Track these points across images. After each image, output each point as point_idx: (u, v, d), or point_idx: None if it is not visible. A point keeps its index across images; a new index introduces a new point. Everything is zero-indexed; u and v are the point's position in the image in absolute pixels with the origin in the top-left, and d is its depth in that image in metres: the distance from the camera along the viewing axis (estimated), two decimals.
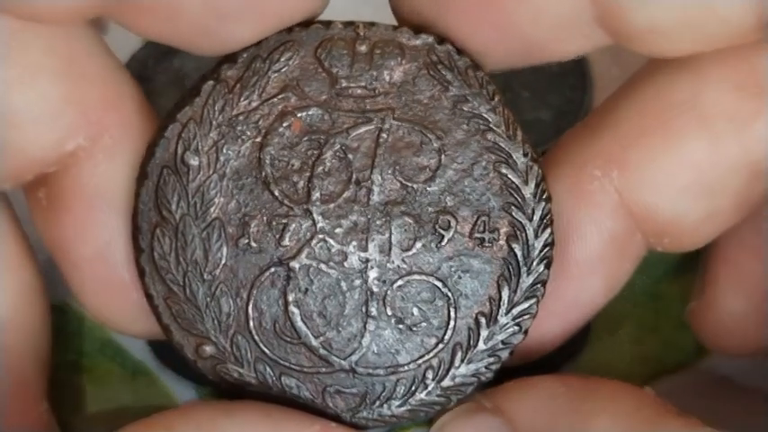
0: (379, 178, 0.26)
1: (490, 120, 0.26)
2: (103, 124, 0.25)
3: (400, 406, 0.26)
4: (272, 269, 0.25)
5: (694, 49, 0.25)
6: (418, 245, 0.26)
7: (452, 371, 0.26)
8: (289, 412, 0.25)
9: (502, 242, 0.26)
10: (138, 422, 0.24)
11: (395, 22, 0.26)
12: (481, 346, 0.26)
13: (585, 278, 0.27)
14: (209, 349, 0.25)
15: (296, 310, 0.25)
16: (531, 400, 0.25)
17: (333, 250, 0.25)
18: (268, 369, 0.25)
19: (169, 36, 0.25)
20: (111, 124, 0.26)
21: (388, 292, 0.26)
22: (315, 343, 0.26)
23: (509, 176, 0.26)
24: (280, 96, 0.25)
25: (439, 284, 0.26)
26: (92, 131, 0.25)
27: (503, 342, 0.26)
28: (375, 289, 0.26)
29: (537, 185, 0.26)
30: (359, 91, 0.26)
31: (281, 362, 0.25)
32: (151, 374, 0.32)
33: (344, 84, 0.26)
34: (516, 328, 0.26)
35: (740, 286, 0.29)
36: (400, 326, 0.26)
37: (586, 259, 0.27)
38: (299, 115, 0.25)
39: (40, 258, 0.27)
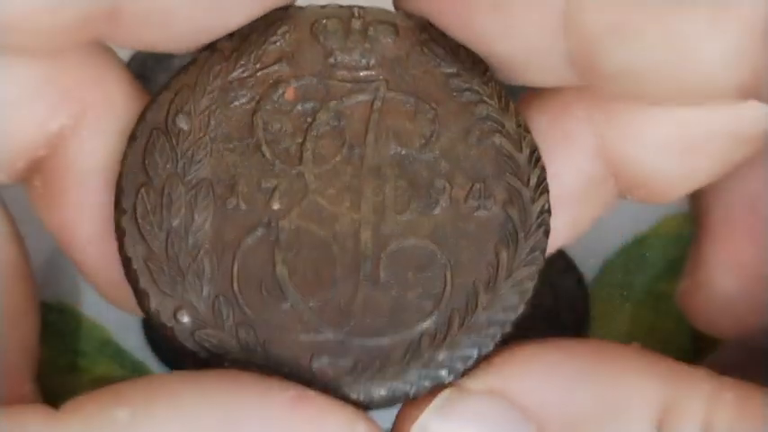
0: (373, 142, 0.25)
1: (482, 92, 0.26)
2: (86, 102, 0.25)
3: (393, 378, 0.24)
4: (261, 229, 0.25)
5: (673, 102, 0.25)
6: (413, 207, 0.25)
7: (449, 339, 0.24)
8: (259, 377, 0.23)
9: (498, 208, 0.25)
10: (89, 392, 0.23)
11: None
12: (480, 313, 0.25)
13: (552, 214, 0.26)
14: (187, 313, 0.24)
15: (284, 272, 0.24)
16: (530, 372, 0.24)
17: (324, 211, 0.25)
18: (251, 334, 0.24)
19: (162, 45, 0.25)
20: (95, 102, 0.25)
21: (382, 255, 0.25)
22: (303, 307, 0.24)
23: (503, 145, 0.26)
24: (275, 66, 0.25)
25: (435, 248, 0.25)
26: (74, 110, 0.25)
27: (503, 309, 0.25)
28: (368, 252, 0.25)
29: (531, 153, 0.26)
30: (353, 63, 0.26)
31: (266, 327, 0.24)
32: (150, 374, 0.32)
33: (339, 56, 0.26)
34: (517, 296, 0.25)
35: (732, 266, 0.29)
36: (393, 291, 0.25)
37: (556, 195, 0.26)
38: (293, 84, 0.25)
39: (39, 259, 0.27)
